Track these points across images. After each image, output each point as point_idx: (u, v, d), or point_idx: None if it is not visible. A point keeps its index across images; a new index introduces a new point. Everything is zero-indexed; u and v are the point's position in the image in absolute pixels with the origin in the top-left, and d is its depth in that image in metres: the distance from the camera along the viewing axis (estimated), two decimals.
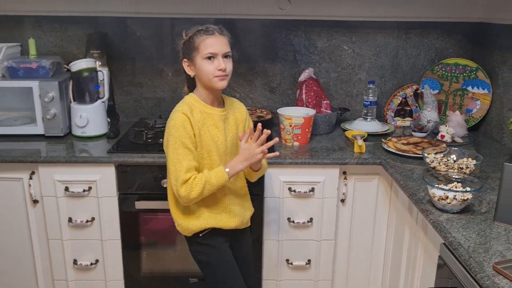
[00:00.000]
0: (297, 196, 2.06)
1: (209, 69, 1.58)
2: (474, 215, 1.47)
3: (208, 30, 1.59)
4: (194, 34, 1.60)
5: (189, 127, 1.58)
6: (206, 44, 1.57)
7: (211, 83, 1.60)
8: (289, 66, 2.56)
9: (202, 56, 1.58)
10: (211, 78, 1.59)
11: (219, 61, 1.59)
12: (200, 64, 1.59)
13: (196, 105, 1.64)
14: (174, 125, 1.58)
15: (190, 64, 1.63)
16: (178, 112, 1.61)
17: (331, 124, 2.39)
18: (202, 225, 1.66)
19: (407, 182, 1.74)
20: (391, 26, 2.52)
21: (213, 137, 1.64)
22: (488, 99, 2.36)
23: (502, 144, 2.24)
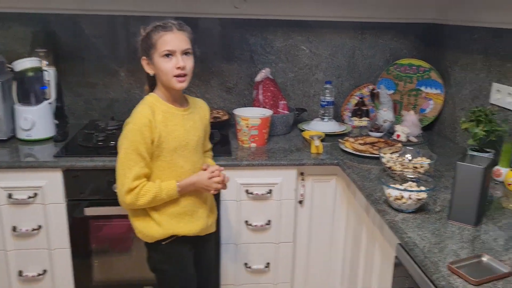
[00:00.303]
0: (255, 199, 2.01)
1: (167, 68, 1.50)
2: (429, 214, 1.47)
3: (166, 26, 1.51)
4: (151, 30, 1.52)
5: (147, 133, 1.50)
6: (164, 41, 1.49)
7: (169, 83, 1.53)
8: (246, 66, 2.52)
9: (159, 54, 1.50)
10: (169, 77, 1.51)
11: (178, 59, 1.51)
12: (158, 62, 1.51)
13: (158, 105, 1.56)
14: (131, 129, 1.50)
15: (149, 62, 1.55)
16: (138, 114, 1.52)
17: (288, 125, 2.37)
18: (164, 232, 1.58)
19: (364, 183, 1.73)
20: (347, 26, 2.53)
21: (178, 137, 1.57)
22: (441, 99, 2.40)
23: (455, 143, 2.28)
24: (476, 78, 2.13)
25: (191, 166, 1.60)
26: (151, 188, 1.51)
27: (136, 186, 1.49)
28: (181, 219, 1.59)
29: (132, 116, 1.54)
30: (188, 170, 1.60)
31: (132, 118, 1.53)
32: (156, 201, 1.53)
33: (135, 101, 2.46)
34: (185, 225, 1.60)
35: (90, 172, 1.91)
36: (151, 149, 1.52)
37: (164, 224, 1.57)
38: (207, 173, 1.58)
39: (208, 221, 1.68)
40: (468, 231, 1.37)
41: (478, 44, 2.11)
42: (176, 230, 1.58)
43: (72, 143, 2.10)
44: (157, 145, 1.53)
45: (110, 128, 2.25)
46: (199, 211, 1.64)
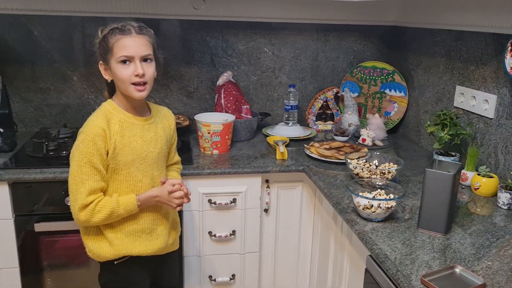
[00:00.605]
0: (218, 208, 1.93)
1: (124, 75, 1.39)
2: (398, 223, 1.43)
3: (124, 29, 1.39)
4: (108, 33, 1.40)
5: (101, 143, 1.39)
6: (121, 45, 1.38)
7: (127, 91, 1.42)
8: (207, 70, 2.43)
9: (116, 59, 1.39)
10: (127, 85, 1.40)
11: (136, 65, 1.39)
12: (115, 69, 1.40)
13: (115, 114, 1.45)
14: (84, 139, 1.38)
15: (106, 67, 1.43)
16: (91, 123, 1.41)
17: (252, 130, 2.29)
18: (116, 252, 1.46)
19: (331, 190, 1.68)
20: (310, 28, 2.48)
21: (135, 149, 1.45)
22: (405, 101, 2.39)
23: (419, 146, 2.27)
24: (439, 81, 2.12)
25: (150, 181, 1.50)
26: (107, 203, 1.40)
27: (90, 202, 1.39)
28: (137, 238, 1.48)
29: (85, 126, 1.42)
30: (147, 185, 1.49)
31: (85, 128, 1.41)
32: (113, 217, 1.42)
33: (89, 107, 2.36)
34: (141, 244, 1.49)
35: (40, 185, 1.77)
36: (106, 161, 1.41)
37: (117, 244, 1.45)
38: (167, 187, 1.48)
39: (169, 240, 1.57)
40: (438, 240, 1.33)
41: (441, 47, 2.10)
42: (130, 250, 1.47)
43: (20, 153, 1.94)
44: (112, 157, 1.42)
45: (62, 136, 2.10)
46: (158, 228, 1.53)
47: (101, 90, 2.33)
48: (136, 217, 1.48)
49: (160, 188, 1.48)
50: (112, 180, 1.45)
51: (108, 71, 1.43)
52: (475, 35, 1.87)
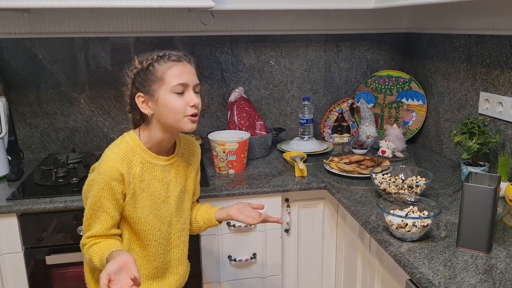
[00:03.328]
0: (237, 231, 1.83)
1: (179, 106, 1.25)
2: (435, 242, 1.33)
3: (173, 56, 1.28)
4: (155, 61, 1.27)
5: (118, 188, 1.27)
6: (175, 73, 1.25)
7: (179, 125, 1.28)
8: (217, 86, 2.35)
9: (169, 89, 1.25)
10: (180, 118, 1.27)
11: (191, 95, 1.28)
12: (166, 100, 1.25)
13: (137, 152, 1.31)
14: (99, 182, 1.25)
15: (147, 99, 1.28)
16: (109, 163, 1.26)
17: (267, 147, 2.20)
18: None
19: (358, 208, 1.58)
20: (321, 39, 2.41)
21: (153, 195, 1.34)
22: (424, 110, 2.30)
23: (442, 156, 2.17)
24: (460, 88, 2.03)
25: (167, 228, 1.40)
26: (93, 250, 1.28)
27: (86, 243, 1.31)
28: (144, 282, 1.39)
29: (102, 162, 1.27)
30: (165, 232, 1.39)
31: (102, 166, 1.26)
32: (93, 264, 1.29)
33: (98, 130, 2.28)
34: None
35: (50, 215, 1.68)
36: (122, 205, 1.30)
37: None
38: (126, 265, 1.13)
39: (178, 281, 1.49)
40: (481, 260, 1.23)
41: (460, 52, 2.02)
42: None
43: (28, 182, 1.86)
44: (130, 203, 1.31)
45: (72, 161, 2.02)
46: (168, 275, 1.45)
47: (109, 112, 2.26)
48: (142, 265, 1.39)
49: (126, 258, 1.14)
50: (126, 227, 1.35)
51: (149, 103, 1.28)
52: (497, 38, 1.79)
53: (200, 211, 1.55)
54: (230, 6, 1.90)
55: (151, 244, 1.38)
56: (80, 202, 1.65)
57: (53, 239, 1.71)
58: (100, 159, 1.30)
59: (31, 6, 1.64)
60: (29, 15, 2.09)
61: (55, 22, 2.13)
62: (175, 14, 2.21)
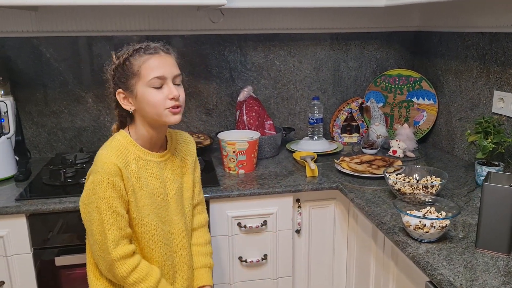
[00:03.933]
0: (248, 232, 1.81)
1: (157, 100, 1.23)
2: (453, 243, 1.30)
3: (149, 48, 1.25)
4: (130, 55, 1.24)
5: (120, 183, 1.23)
6: (150, 66, 1.23)
7: (161, 118, 1.26)
8: (226, 85, 2.33)
9: (145, 83, 1.22)
10: (160, 111, 1.24)
11: (170, 88, 1.24)
12: (144, 94, 1.23)
13: (130, 149, 1.28)
14: (100, 181, 1.20)
15: (127, 95, 1.26)
16: (105, 160, 1.22)
17: (277, 146, 2.18)
18: None
19: (372, 208, 1.56)
20: (330, 38, 2.38)
21: (152, 193, 1.31)
22: (435, 109, 2.27)
23: (453, 156, 2.15)
24: (473, 86, 2.00)
25: (169, 228, 1.35)
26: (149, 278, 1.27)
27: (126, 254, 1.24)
28: None
29: (97, 163, 1.22)
30: (168, 232, 1.35)
31: (98, 166, 1.22)
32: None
33: (106, 129, 2.26)
34: None
35: (59, 215, 1.66)
36: (127, 202, 1.26)
37: None
38: None
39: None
40: (502, 261, 1.20)
41: (473, 50, 1.99)
42: None
43: (36, 182, 1.84)
44: (132, 201, 1.27)
45: (80, 161, 2.00)
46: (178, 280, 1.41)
47: None
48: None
49: None
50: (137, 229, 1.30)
51: (129, 99, 1.26)
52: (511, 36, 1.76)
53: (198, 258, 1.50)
54: (241, 4, 1.87)
55: (157, 246, 1.33)
56: None
57: (62, 239, 1.69)
58: (94, 162, 1.25)
59: (40, 3, 1.62)
60: (36, 13, 2.07)
61: (62, 20, 2.10)
62: (183, 12, 2.19)
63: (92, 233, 1.24)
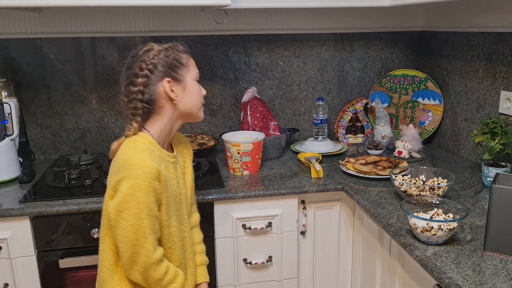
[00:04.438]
0: (253, 234, 1.80)
1: (200, 94, 1.34)
2: (461, 246, 1.29)
3: (186, 48, 1.32)
4: (176, 48, 1.29)
5: (159, 188, 1.20)
6: (193, 62, 1.33)
7: (198, 112, 1.35)
8: (230, 86, 2.32)
9: (193, 76, 1.31)
10: (200, 105, 1.35)
11: (201, 87, 1.36)
12: (193, 86, 1.31)
13: (155, 150, 1.25)
14: (141, 186, 1.15)
15: (174, 85, 1.26)
16: (144, 164, 1.16)
17: (281, 147, 2.17)
18: None
19: (378, 210, 1.54)
20: (335, 38, 2.37)
21: (174, 194, 1.31)
22: (440, 110, 2.26)
23: (459, 156, 2.13)
24: (479, 87, 1.99)
25: (179, 225, 1.35)
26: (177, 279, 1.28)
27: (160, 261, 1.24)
28: None
29: (134, 167, 1.16)
30: (179, 231, 1.34)
31: (136, 171, 1.15)
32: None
33: (110, 131, 2.25)
34: None
35: (64, 217, 1.66)
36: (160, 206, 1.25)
37: None
38: None
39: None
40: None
41: (479, 50, 1.98)
42: None
43: (40, 184, 1.83)
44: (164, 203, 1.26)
45: (84, 163, 1.99)
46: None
47: (121, 113, 2.23)
48: None
49: None
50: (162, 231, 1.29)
51: (176, 89, 1.26)
52: None
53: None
54: (245, 4, 1.86)
55: (176, 246, 1.32)
56: (94, 204, 1.62)
57: (66, 241, 1.68)
58: (126, 166, 1.17)
59: (44, 4, 1.61)
60: (40, 14, 2.07)
61: (66, 21, 2.10)
62: (187, 13, 2.18)
63: (127, 239, 1.18)
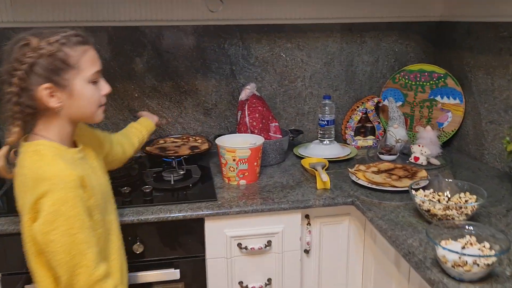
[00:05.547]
0: (250, 254, 1.57)
1: (96, 97, 1.14)
2: (500, 283, 1.06)
3: (83, 37, 1.10)
4: (63, 43, 1.05)
5: (85, 195, 1.08)
6: (89, 59, 1.11)
7: (93, 117, 1.17)
8: (226, 82, 2.08)
9: (86, 78, 1.10)
10: (95, 109, 1.16)
11: (103, 83, 1.17)
12: (83, 90, 1.10)
13: (65, 154, 1.12)
14: (66, 200, 1.01)
15: (56, 90, 1.06)
16: (62, 173, 1.03)
17: (283, 152, 1.94)
18: None
19: (395, 232, 1.31)
20: (343, 28, 2.12)
21: (98, 187, 1.17)
22: (461, 110, 2.02)
23: (483, 163, 1.90)
24: (508, 85, 1.75)
25: (115, 217, 1.28)
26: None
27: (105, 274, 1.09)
28: None
29: (52, 180, 1.01)
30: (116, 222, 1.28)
31: (55, 184, 1.01)
32: None
33: None
34: None
35: None
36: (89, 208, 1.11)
37: None
38: None
39: None
40: None
41: (509, 43, 1.73)
42: None
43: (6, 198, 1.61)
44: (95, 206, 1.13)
45: None
46: None
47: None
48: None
49: None
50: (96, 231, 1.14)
51: (59, 95, 1.07)
52: None
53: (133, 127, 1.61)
54: None
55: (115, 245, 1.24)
56: None
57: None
58: (40, 183, 1.01)
59: None
60: (12, 1, 1.83)
61: (42, 9, 1.86)
62: (177, 0, 1.94)
63: (62, 262, 1.04)
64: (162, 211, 1.48)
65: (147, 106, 2.03)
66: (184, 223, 1.50)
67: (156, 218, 1.46)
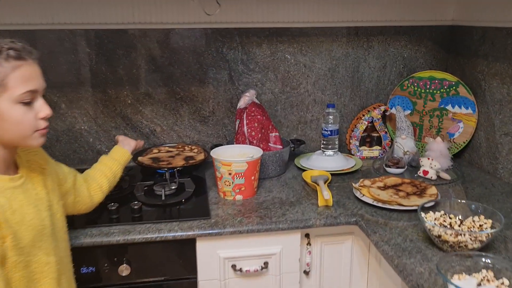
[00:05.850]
0: (245, 276, 1.46)
1: (27, 119, 1.00)
2: None
3: (17, 50, 0.98)
4: None
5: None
6: (21, 76, 0.98)
7: (25, 142, 1.03)
8: (224, 89, 1.98)
9: (13, 98, 0.97)
10: (28, 133, 1.02)
11: (42, 104, 1.03)
12: (10, 111, 0.98)
13: None
14: None
15: None
16: None
17: (283, 164, 1.83)
18: None
19: (403, 260, 1.20)
20: (349, 32, 2.01)
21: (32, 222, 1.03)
22: (473, 120, 1.90)
23: (496, 178, 1.78)
24: None
25: (56, 258, 1.09)
26: None
27: None
28: None
29: None
30: (55, 264, 1.09)
31: None
32: None
33: (82, 140, 1.93)
34: None
35: None
36: (2, 252, 0.97)
37: None
38: None
39: None
40: None
41: None
42: None
43: None
44: (13, 245, 0.97)
45: None
46: None
47: (95, 119, 1.90)
48: None
49: None
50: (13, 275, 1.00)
51: None
52: None
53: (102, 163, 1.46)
54: None
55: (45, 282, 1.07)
56: None
57: None
58: None
59: None
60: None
61: (27, 10, 1.76)
62: (174, 2, 1.84)
63: None
64: (151, 231, 1.37)
65: (140, 113, 1.93)
66: (175, 243, 1.40)
67: (144, 239, 1.36)
